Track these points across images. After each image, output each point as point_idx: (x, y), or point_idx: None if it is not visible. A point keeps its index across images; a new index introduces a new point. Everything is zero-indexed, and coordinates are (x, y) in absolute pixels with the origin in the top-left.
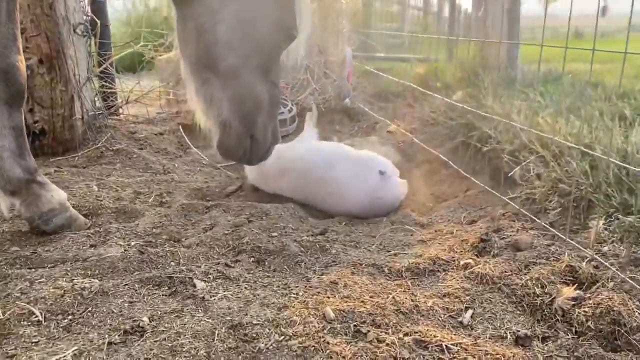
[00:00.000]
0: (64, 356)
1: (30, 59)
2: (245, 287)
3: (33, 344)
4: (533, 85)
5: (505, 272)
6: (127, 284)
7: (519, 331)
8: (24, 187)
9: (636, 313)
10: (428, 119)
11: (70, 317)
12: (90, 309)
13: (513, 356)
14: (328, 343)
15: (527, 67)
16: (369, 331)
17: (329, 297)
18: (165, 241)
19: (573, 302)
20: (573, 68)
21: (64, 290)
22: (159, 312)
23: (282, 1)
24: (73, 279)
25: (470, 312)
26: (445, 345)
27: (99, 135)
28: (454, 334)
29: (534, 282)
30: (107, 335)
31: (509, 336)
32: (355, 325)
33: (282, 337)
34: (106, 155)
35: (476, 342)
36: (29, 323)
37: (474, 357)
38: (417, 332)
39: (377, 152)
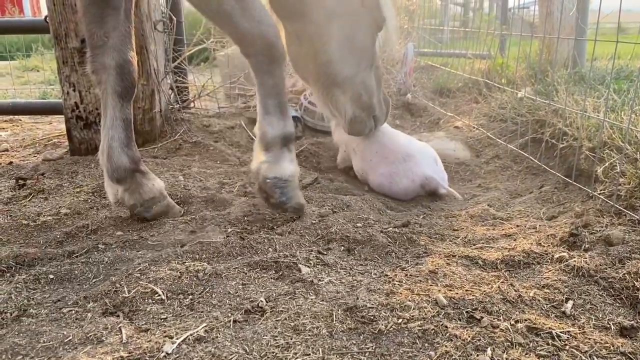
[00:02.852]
0: (196, 331)
1: None
2: (344, 274)
3: (162, 320)
4: (603, 82)
5: (601, 265)
6: (236, 268)
7: (623, 322)
8: (129, 175)
9: None
10: (495, 115)
11: (190, 296)
12: (207, 289)
13: (621, 345)
14: (446, 327)
15: (589, 64)
16: (482, 317)
17: (432, 286)
18: (260, 228)
19: None
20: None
21: (180, 272)
22: (274, 294)
23: (370, 2)
24: (185, 262)
25: (570, 303)
26: (556, 333)
27: (175, 127)
28: (561, 323)
29: (632, 276)
30: (230, 314)
31: (612, 327)
32: (467, 312)
33: (400, 320)
34: (184, 147)
35: (584, 331)
36: (154, 301)
37: (585, 344)
38: (526, 320)
39: (444, 146)
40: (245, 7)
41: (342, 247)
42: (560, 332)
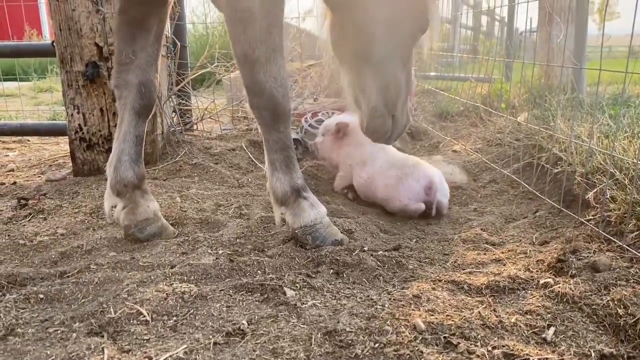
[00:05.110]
0: (176, 353)
1: None
2: (330, 297)
3: (145, 341)
4: (601, 108)
5: (586, 292)
6: (222, 290)
7: (603, 350)
8: (130, 191)
9: None
10: (493, 139)
11: (174, 318)
12: (192, 311)
13: None
14: (422, 352)
15: (590, 89)
16: (459, 343)
17: (414, 310)
18: (251, 251)
19: None
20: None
21: (167, 294)
22: (256, 317)
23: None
24: (172, 284)
25: (552, 329)
26: None
27: (177, 149)
28: (540, 350)
29: (615, 303)
30: (211, 336)
31: (593, 354)
32: (445, 337)
33: (377, 344)
34: (184, 169)
35: (562, 358)
36: (138, 322)
37: None
38: (504, 346)
39: (442, 170)
40: (269, 60)
41: (332, 270)
42: (538, 359)
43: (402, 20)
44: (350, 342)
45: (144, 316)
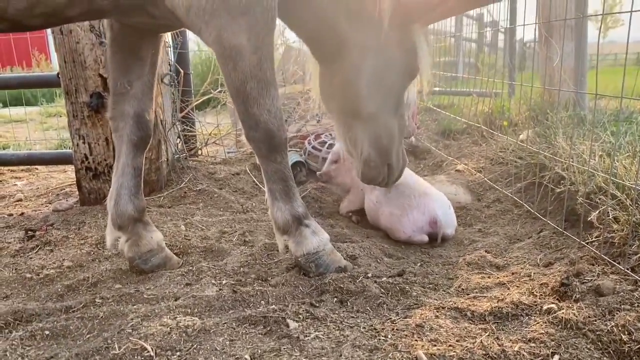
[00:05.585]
0: None
1: None
2: (333, 328)
3: None
4: (603, 125)
5: (589, 317)
6: (225, 323)
7: None
8: (132, 224)
9: None
10: (496, 157)
11: (178, 353)
12: (195, 346)
13: None
14: None
15: (593, 103)
16: None
17: (417, 340)
18: (254, 280)
19: None
20: None
21: (170, 328)
22: (259, 351)
23: (407, 48)
24: (176, 317)
25: (556, 357)
26: None
27: (181, 176)
28: None
29: (620, 328)
30: None
31: None
32: None
33: None
34: (189, 195)
35: None
36: (142, 358)
37: None
38: None
39: (446, 190)
40: (262, 94)
41: (335, 299)
42: None
43: (392, 72)
44: None
45: (148, 352)
